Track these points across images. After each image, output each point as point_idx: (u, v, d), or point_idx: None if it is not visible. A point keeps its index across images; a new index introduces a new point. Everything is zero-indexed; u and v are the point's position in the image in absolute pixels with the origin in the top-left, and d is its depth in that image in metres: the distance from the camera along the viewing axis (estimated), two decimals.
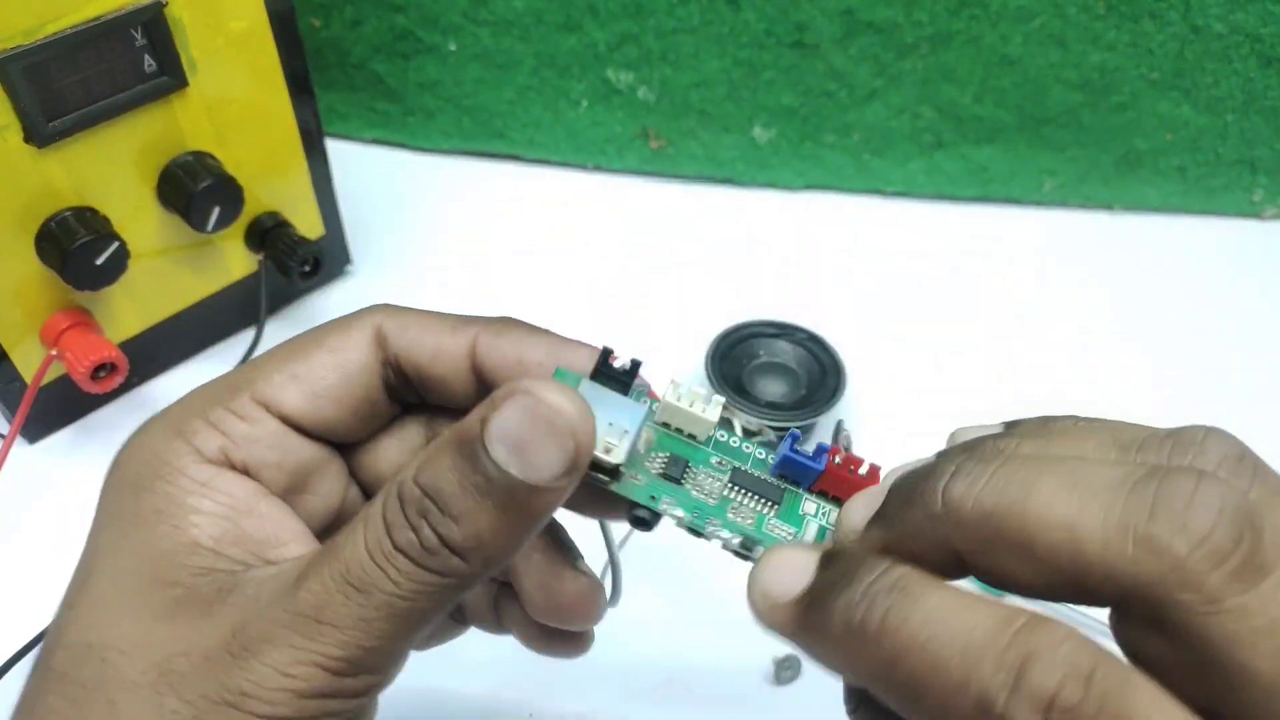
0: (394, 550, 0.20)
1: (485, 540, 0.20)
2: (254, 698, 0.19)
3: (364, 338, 0.24)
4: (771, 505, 0.24)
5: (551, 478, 0.20)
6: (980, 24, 0.55)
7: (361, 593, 0.20)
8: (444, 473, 0.20)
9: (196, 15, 0.39)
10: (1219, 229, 0.62)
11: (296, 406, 0.24)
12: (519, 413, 0.20)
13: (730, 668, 0.39)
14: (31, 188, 0.38)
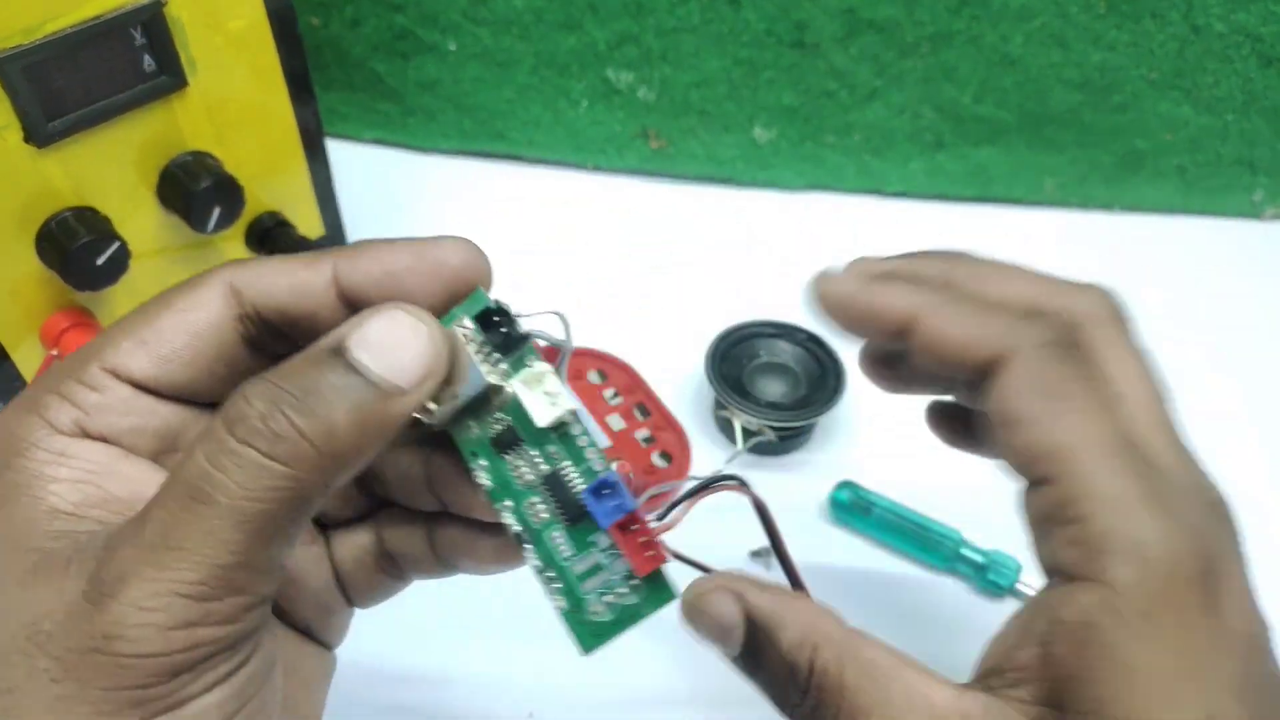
0: (238, 444, 0.19)
1: (338, 435, 0.20)
2: (118, 638, 0.19)
3: (214, 294, 0.23)
4: (568, 520, 0.24)
5: (409, 383, 0.21)
6: (981, 24, 0.55)
7: (204, 504, 0.19)
8: (300, 370, 0.20)
9: (196, 14, 0.39)
10: (1219, 229, 0.62)
11: (145, 371, 0.23)
12: (383, 321, 0.21)
13: None
14: (31, 188, 0.38)
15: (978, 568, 0.41)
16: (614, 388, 0.49)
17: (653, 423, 0.47)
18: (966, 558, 0.41)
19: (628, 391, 0.48)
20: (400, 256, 0.23)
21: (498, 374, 0.24)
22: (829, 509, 0.44)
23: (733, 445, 0.45)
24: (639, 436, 0.46)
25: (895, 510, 0.43)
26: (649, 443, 0.46)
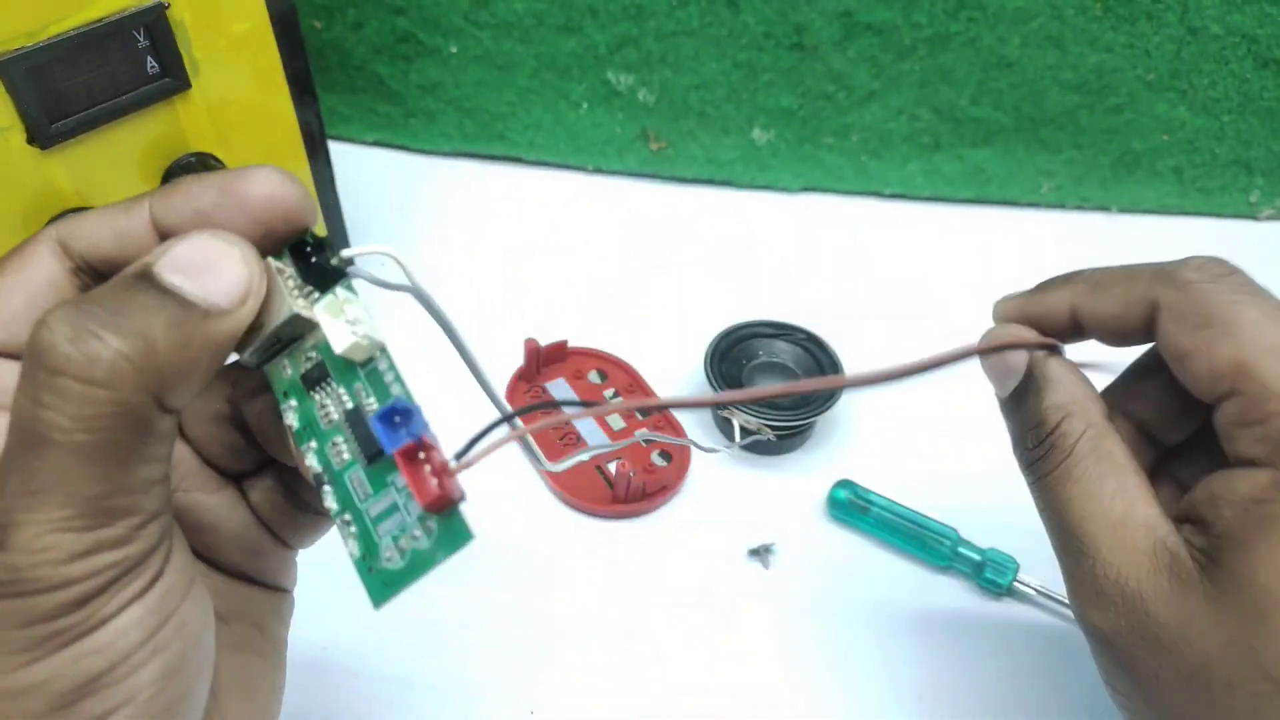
0: (50, 376, 0.19)
1: (159, 351, 0.19)
2: (19, 580, 0.19)
3: (44, 252, 0.23)
4: (368, 460, 0.23)
5: (230, 302, 0.21)
6: (978, 26, 0.55)
7: (44, 447, 0.19)
8: (107, 293, 0.20)
9: (199, 17, 0.40)
10: (1215, 230, 0.62)
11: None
12: (189, 245, 0.21)
13: (729, 659, 0.39)
14: (34, 189, 0.38)
15: (975, 566, 0.41)
16: (614, 387, 0.49)
17: (652, 422, 0.47)
18: (964, 556, 0.41)
19: (628, 391, 0.49)
20: (208, 191, 0.22)
21: (307, 306, 0.22)
22: (827, 508, 0.44)
23: (732, 445, 0.45)
24: (639, 436, 0.46)
25: (893, 509, 0.43)
26: (649, 442, 0.46)
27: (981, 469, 0.47)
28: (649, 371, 0.49)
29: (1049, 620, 0.41)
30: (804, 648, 0.39)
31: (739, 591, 0.41)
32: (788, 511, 0.44)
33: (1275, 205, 0.62)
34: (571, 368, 0.50)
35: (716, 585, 0.41)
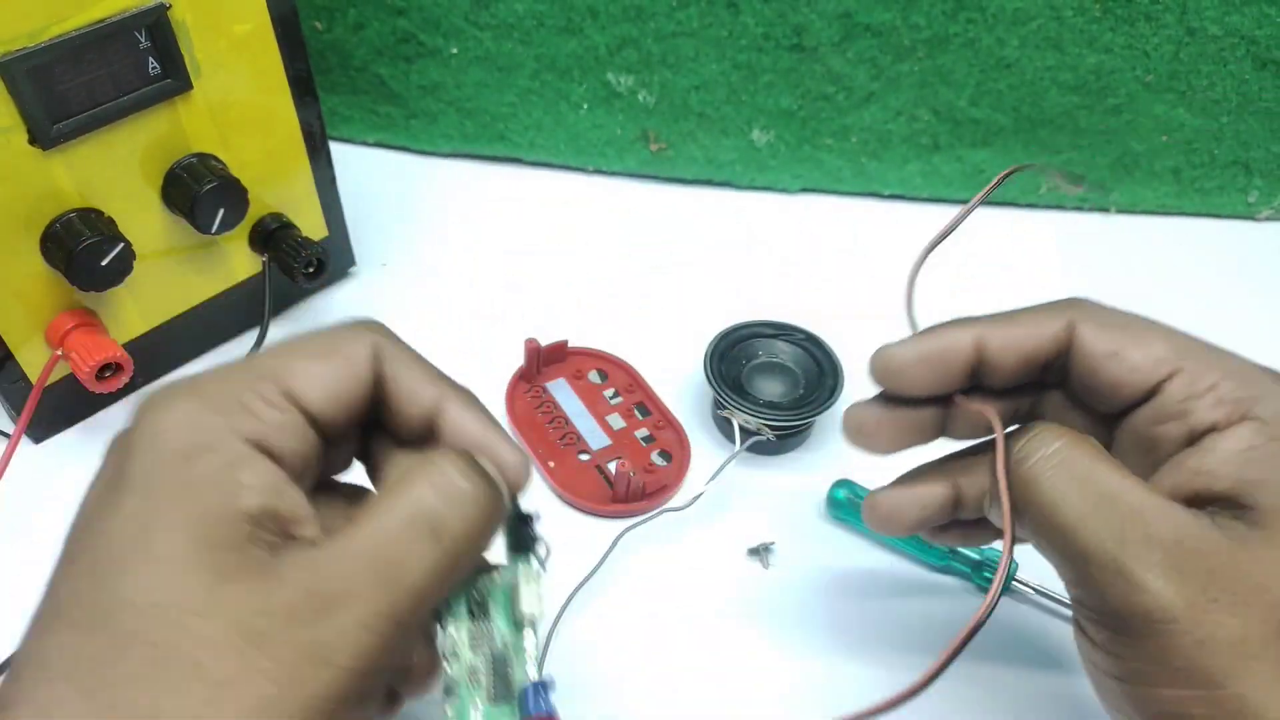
0: (461, 495, 0.24)
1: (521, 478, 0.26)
2: (342, 652, 0.21)
3: (368, 354, 0.26)
4: (493, 695, 0.27)
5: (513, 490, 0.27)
6: (977, 27, 0.55)
7: (435, 540, 0.23)
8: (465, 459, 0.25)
9: (200, 18, 0.40)
10: (1214, 230, 0.62)
11: (319, 405, 0.25)
12: (511, 453, 0.27)
13: (728, 658, 0.39)
14: (36, 189, 0.38)
15: (974, 565, 0.41)
16: (614, 387, 0.49)
17: (652, 422, 0.47)
18: (963, 555, 0.41)
19: (627, 391, 0.49)
20: (490, 440, 0.27)
21: (511, 566, 0.28)
22: (827, 507, 0.44)
23: (732, 444, 0.45)
24: (639, 436, 0.47)
25: None
26: (648, 442, 0.46)
27: None
28: (649, 371, 0.49)
29: (1048, 620, 0.41)
30: (803, 647, 0.40)
31: (738, 591, 0.41)
32: (787, 511, 0.44)
33: (1273, 206, 0.62)
34: (571, 368, 0.50)
35: (716, 585, 0.42)
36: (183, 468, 0.23)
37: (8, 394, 0.43)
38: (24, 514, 0.43)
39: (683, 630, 0.40)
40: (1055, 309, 0.29)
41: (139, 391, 0.25)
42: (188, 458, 0.23)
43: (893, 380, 0.30)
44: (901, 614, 0.41)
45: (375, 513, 0.23)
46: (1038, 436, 0.28)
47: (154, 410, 0.24)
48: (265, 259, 0.47)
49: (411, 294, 0.54)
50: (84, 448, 0.46)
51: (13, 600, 0.40)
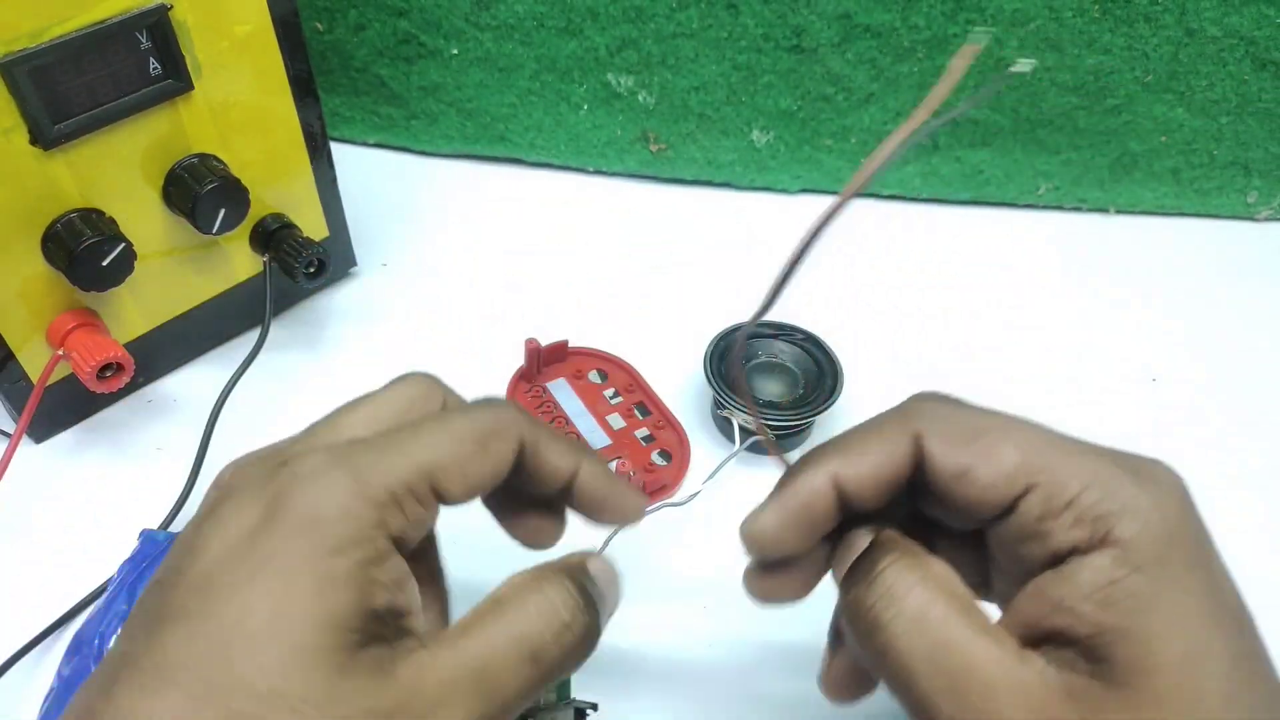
0: (564, 627, 0.25)
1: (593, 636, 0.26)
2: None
3: (513, 450, 0.27)
4: None
5: (607, 612, 0.28)
6: (976, 28, 0.55)
7: (534, 663, 0.24)
8: (569, 585, 0.26)
9: (201, 19, 0.40)
10: (1213, 231, 0.62)
11: (459, 498, 0.26)
12: (607, 572, 0.28)
13: (727, 658, 0.39)
14: (38, 189, 0.38)
15: None
16: (614, 387, 0.49)
17: (652, 421, 0.47)
18: None
19: (627, 391, 0.49)
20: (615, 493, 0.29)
21: None
22: None
23: (731, 444, 0.45)
24: (639, 435, 0.47)
25: None
26: (648, 441, 0.46)
27: None
28: (649, 371, 0.50)
29: None
30: (803, 647, 0.40)
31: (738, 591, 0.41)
32: None
33: (1273, 206, 0.62)
34: (572, 368, 0.50)
35: (715, 585, 0.42)
36: (328, 560, 0.23)
37: (9, 394, 0.43)
38: (24, 514, 0.43)
39: (682, 630, 0.40)
40: (900, 423, 0.27)
41: (291, 443, 0.26)
42: (336, 550, 0.23)
43: (769, 551, 0.29)
44: None
45: (484, 627, 0.24)
46: (881, 575, 0.26)
47: (310, 482, 0.24)
48: (266, 259, 0.48)
49: (412, 294, 0.55)
50: (85, 447, 0.46)
51: (13, 596, 0.40)
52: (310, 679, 0.22)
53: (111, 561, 0.39)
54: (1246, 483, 0.47)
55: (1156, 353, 0.53)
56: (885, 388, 0.50)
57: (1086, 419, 0.49)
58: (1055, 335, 0.54)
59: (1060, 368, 0.52)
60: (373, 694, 0.22)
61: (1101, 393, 0.51)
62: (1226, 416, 0.50)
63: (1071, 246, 0.60)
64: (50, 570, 0.41)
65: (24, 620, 0.38)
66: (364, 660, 0.22)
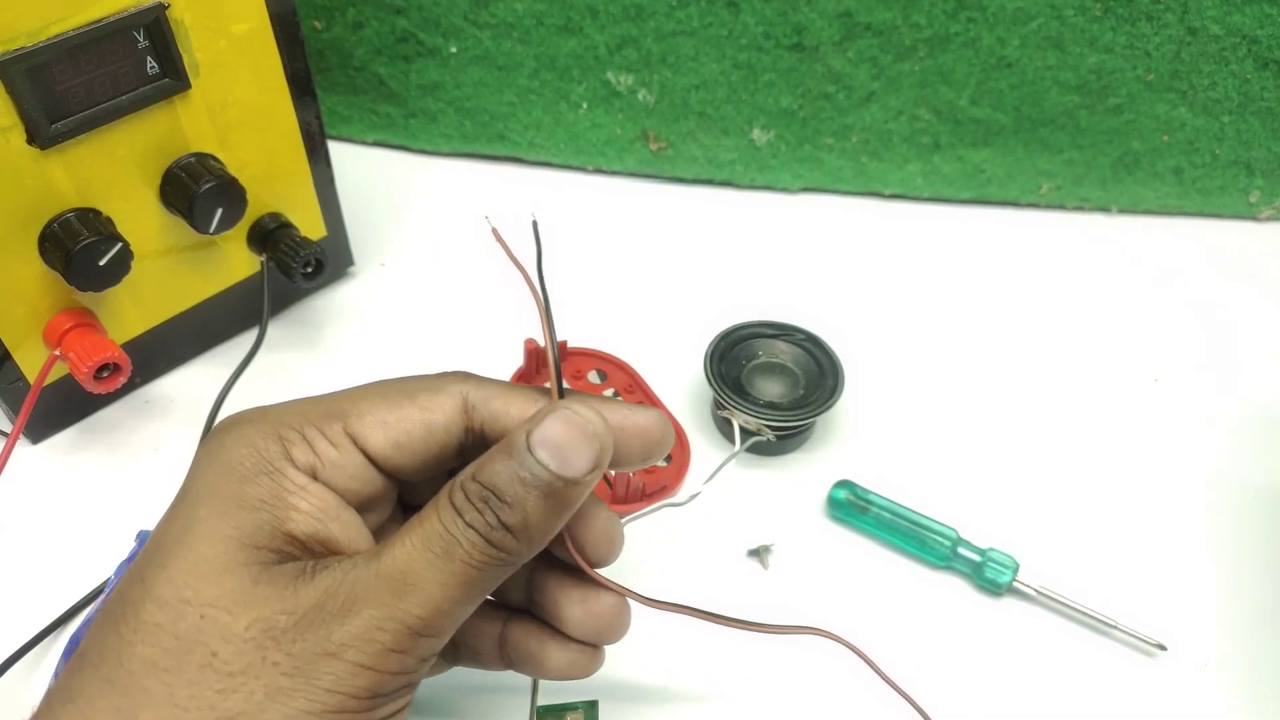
0: (466, 526, 0.24)
1: (531, 523, 0.25)
2: (351, 647, 0.23)
3: (451, 403, 0.27)
4: None
5: (581, 473, 0.25)
6: (978, 26, 0.55)
7: (443, 559, 0.24)
8: (498, 469, 0.25)
9: (199, 18, 0.40)
10: (1215, 230, 0.62)
11: (380, 449, 0.27)
12: (558, 424, 0.25)
13: (727, 659, 0.39)
14: (34, 189, 0.38)
15: (975, 566, 0.41)
16: (614, 388, 0.49)
17: None
18: (963, 556, 0.41)
19: (627, 391, 0.49)
20: (614, 414, 0.28)
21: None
22: (827, 508, 0.44)
23: (731, 445, 0.45)
24: None
25: (892, 509, 0.43)
26: None
27: (981, 469, 0.47)
28: (649, 371, 0.49)
29: (1049, 620, 0.41)
30: (802, 648, 0.39)
31: (738, 591, 0.41)
32: (787, 511, 0.44)
33: (1275, 206, 0.62)
34: (571, 368, 0.50)
35: (715, 585, 0.41)
36: (237, 486, 0.25)
37: (6, 394, 0.43)
38: (22, 514, 0.43)
39: (681, 631, 0.40)
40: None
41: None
42: (243, 478, 0.25)
43: None
44: (901, 614, 0.41)
45: (399, 535, 0.25)
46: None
47: (223, 431, 0.26)
48: (264, 259, 0.47)
49: (410, 294, 0.54)
50: (82, 448, 0.45)
51: (11, 596, 0.40)
52: (219, 586, 0.23)
53: (109, 562, 0.39)
54: (1247, 483, 0.46)
55: (1158, 352, 0.53)
56: (886, 388, 0.50)
57: (1088, 419, 0.49)
58: (1056, 335, 0.54)
59: (1062, 367, 0.52)
60: (287, 598, 0.23)
61: (1103, 392, 0.51)
62: (1229, 417, 0.50)
63: (1073, 246, 0.60)
64: (47, 571, 0.40)
65: (22, 621, 0.38)
66: (283, 571, 0.24)
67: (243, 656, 0.23)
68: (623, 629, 0.31)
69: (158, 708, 0.22)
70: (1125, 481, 0.46)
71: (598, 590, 0.30)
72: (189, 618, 0.23)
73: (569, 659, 0.30)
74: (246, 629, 0.23)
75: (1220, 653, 0.40)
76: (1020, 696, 0.38)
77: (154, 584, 0.24)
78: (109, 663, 0.23)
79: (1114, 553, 0.43)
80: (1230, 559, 0.43)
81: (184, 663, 0.23)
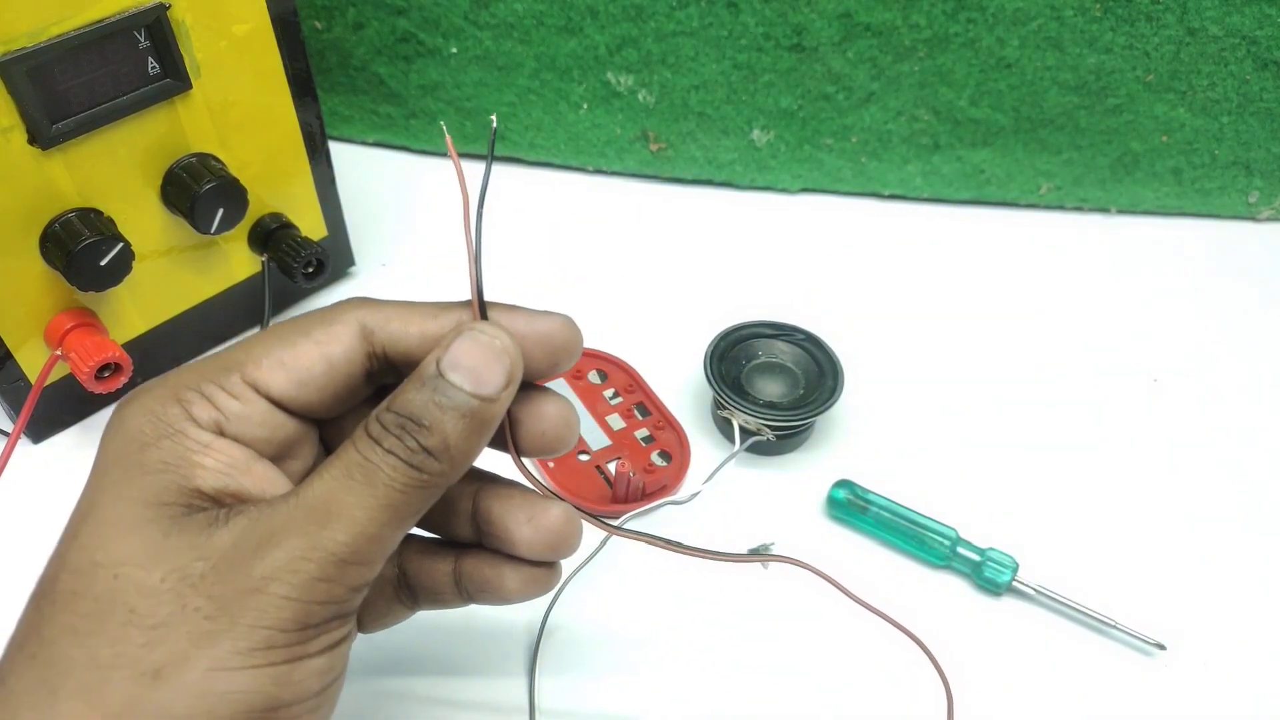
0: (386, 452, 0.24)
1: (451, 443, 0.25)
2: (275, 580, 0.23)
3: (348, 331, 0.27)
4: None
5: (496, 390, 0.25)
6: (977, 27, 0.55)
7: (363, 484, 0.24)
8: (411, 398, 0.25)
9: (200, 18, 0.40)
10: (1214, 231, 0.62)
11: (283, 391, 0.26)
12: (467, 344, 0.25)
13: (726, 658, 0.39)
14: (35, 189, 0.38)
15: (974, 565, 0.41)
16: (614, 388, 0.49)
17: (652, 422, 0.47)
18: (963, 555, 0.41)
19: (627, 391, 0.49)
20: (516, 323, 0.27)
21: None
22: (827, 507, 0.44)
23: (731, 445, 0.45)
24: (639, 436, 0.47)
25: (892, 509, 0.43)
26: (648, 442, 0.46)
27: (981, 469, 0.47)
28: (649, 371, 0.49)
29: (1048, 619, 0.41)
30: (802, 647, 0.39)
31: (738, 591, 0.41)
32: (787, 511, 0.44)
33: (1274, 206, 0.62)
34: (571, 368, 0.50)
35: (715, 584, 0.41)
36: (139, 453, 0.24)
37: (7, 394, 0.43)
38: (23, 514, 0.43)
39: (681, 631, 0.40)
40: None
41: None
42: (144, 445, 0.25)
43: None
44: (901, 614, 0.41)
45: (317, 472, 0.25)
46: None
47: (122, 405, 0.26)
48: (265, 259, 0.47)
49: (411, 294, 0.54)
50: (83, 448, 0.45)
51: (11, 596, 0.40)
52: (129, 545, 0.23)
53: None
54: (1247, 483, 0.47)
55: (1157, 353, 0.53)
56: (885, 388, 0.50)
57: (1088, 419, 0.49)
58: (1056, 335, 0.54)
59: (1061, 367, 0.52)
60: (200, 545, 0.23)
61: (1103, 392, 0.51)
62: (1228, 417, 0.50)
63: (1072, 246, 0.60)
64: None
65: None
66: (194, 521, 0.24)
67: (162, 608, 0.22)
68: (574, 539, 0.30)
69: (81, 672, 0.22)
70: (1125, 481, 0.46)
71: (545, 503, 0.29)
72: (103, 580, 0.23)
73: (525, 578, 0.30)
74: (162, 580, 0.23)
75: (1220, 653, 0.40)
76: (1020, 696, 0.38)
77: (66, 554, 0.24)
78: (31, 640, 0.23)
79: (1114, 553, 0.43)
80: (1230, 559, 0.43)
81: (104, 624, 0.22)
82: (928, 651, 0.35)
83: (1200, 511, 0.45)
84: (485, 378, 0.25)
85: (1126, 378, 0.52)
